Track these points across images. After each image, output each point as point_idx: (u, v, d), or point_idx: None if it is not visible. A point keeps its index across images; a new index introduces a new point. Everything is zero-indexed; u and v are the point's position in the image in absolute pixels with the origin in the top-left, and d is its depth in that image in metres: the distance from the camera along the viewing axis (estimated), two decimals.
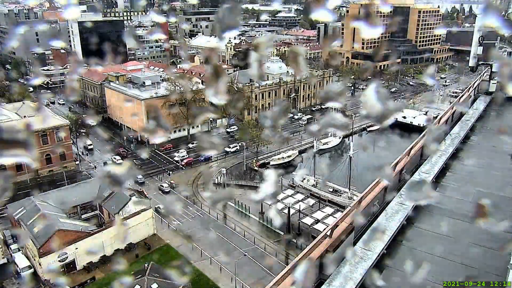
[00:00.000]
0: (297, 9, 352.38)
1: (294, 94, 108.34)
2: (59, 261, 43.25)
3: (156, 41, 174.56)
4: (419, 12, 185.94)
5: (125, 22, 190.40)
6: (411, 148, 16.75)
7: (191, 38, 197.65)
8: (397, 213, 13.22)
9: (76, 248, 44.16)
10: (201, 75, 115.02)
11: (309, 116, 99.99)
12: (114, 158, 73.98)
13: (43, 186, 63.90)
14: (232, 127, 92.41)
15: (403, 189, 14.75)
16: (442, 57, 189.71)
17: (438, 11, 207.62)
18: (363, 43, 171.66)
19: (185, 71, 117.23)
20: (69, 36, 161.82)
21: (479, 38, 29.27)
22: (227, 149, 77.62)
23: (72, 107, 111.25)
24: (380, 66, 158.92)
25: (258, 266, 45.01)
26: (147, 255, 47.70)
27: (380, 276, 10.91)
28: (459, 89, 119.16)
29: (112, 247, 47.09)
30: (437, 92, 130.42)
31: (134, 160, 71.70)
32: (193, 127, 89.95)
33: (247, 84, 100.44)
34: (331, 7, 4.58)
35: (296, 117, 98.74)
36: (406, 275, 10.87)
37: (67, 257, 43.75)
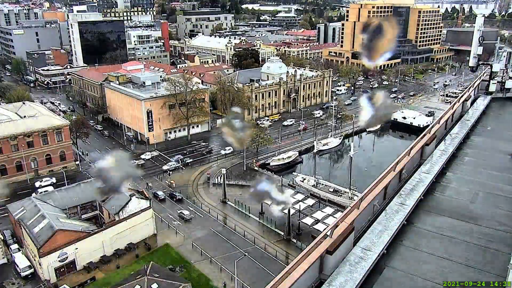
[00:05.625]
0: (297, 9, 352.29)
1: (294, 94, 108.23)
2: (59, 261, 43.25)
3: (156, 40, 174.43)
4: (419, 12, 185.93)
5: (125, 22, 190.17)
6: (411, 148, 16.70)
7: (191, 38, 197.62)
8: (397, 213, 13.20)
9: (76, 248, 44.14)
10: (201, 75, 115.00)
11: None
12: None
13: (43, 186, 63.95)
14: None
15: (403, 189, 14.73)
16: (442, 57, 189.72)
17: (438, 11, 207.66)
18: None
19: (185, 71, 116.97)
20: (69, 36, 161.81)
21: (479, 38, 29.22)
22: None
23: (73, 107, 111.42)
24: (380, 66, 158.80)
25: (258, 266, 45.00)
26: (147, 255, 47.70)
27: (380, 276, 10.90)
28: (459, 89, 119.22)
29: (112, 247, 47.05)
30: (437, 92, 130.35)
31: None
32: (193, 127, 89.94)
33: (247, 84, 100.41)
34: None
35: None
36: (406, 275, 10.87)
37: (67, 257, 43.73)
